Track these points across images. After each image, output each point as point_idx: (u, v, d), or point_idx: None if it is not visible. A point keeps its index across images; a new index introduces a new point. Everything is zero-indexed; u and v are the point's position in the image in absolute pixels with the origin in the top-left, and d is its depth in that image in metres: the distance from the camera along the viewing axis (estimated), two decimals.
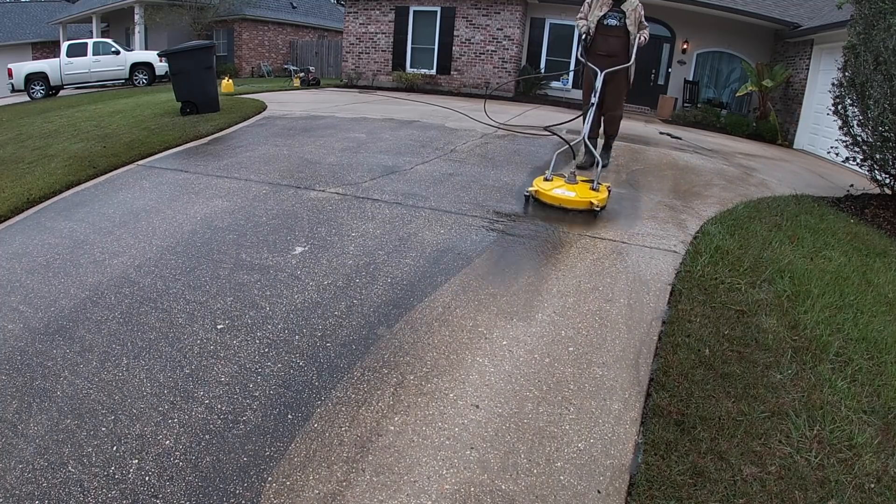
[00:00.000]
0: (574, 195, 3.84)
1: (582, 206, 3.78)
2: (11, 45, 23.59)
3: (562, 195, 3.86)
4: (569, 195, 3.84)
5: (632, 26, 4.62)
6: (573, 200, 3.81)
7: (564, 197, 3.84)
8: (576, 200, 3.81)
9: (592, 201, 3.77)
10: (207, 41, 9.42)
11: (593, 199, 3.79)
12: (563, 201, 3.83)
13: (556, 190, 3.92)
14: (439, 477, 1.66)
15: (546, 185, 4.02)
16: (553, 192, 3.90)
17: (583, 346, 2.32)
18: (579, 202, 3.80)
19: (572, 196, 3.82)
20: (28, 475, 1.64)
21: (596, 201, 3.78)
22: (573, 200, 3.81)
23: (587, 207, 3.78)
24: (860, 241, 4.09)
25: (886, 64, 4.83)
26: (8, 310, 2.49)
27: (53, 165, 4.91)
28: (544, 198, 3.91)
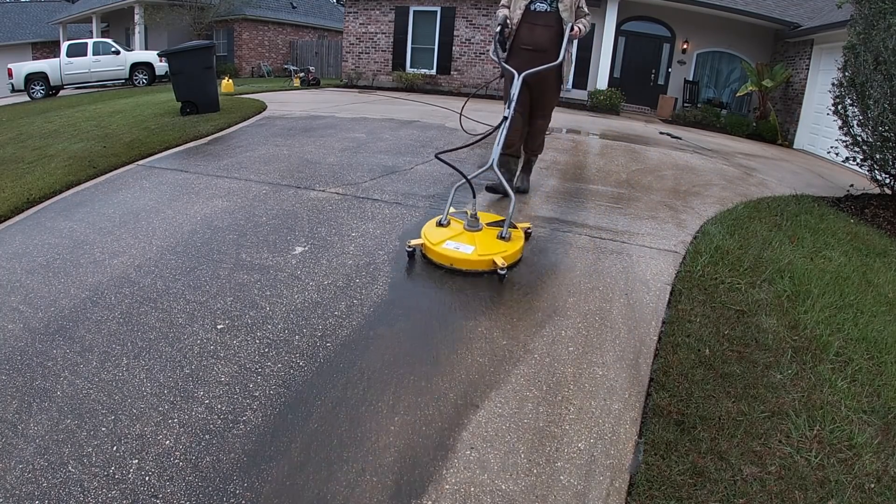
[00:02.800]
0: (471, 251, 2.79)
1: (480, 266, 2.75)
2: (11, 45, 23.59)
3: (452, 252, 2.78)
4: (462, 251, 2.79)
5: (565, 12, 3.63)
6: (468, 260, 2.75)
7: (456, 255, 2.77)
8: (470, 260, 2.75)
9: (496, 260, 2.71)
10: (207, 41, 9.42)
11: (498, 257, 2.73)
12: (455, 261, 2.76)
13: (447, 244, 2.84)
14: (440, 477, 1.66)
15: (437, 234, 2.95)
16: (442, 248, 2.81)
17: (583, 346, 2.32)
18: (476, 262, 2.75)
19: (467, 253, 2.77)
20: (28, 475, 1.64)
21: (501, 260, 2.72)
22: (468, 260, 2.75)
23: (490, 269, 2.75)
24: (860, 241, 4.09)
25: (886, 64, 4.83)
26: (8, 310, 2.49)
27: (53, 165, 4.91)
28: (431, 254, 2.86)
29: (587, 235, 3.46)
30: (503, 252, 2.79)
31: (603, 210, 4.00)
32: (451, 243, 2.84)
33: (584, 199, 4.24)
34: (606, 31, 12.42)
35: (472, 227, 2.99)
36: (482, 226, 3.03)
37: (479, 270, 2.75)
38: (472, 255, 2.76)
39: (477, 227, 3.00)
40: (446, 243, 2.84)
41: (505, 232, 2.95)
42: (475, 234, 2.96)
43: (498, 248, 2.84)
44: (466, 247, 2.82)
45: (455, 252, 2.77)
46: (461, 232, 2.97)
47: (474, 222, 3.01)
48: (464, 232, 2.98)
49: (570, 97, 13.45)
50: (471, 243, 2.85)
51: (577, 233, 3.50)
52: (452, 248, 2.80)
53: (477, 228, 3.00)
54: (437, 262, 2.82)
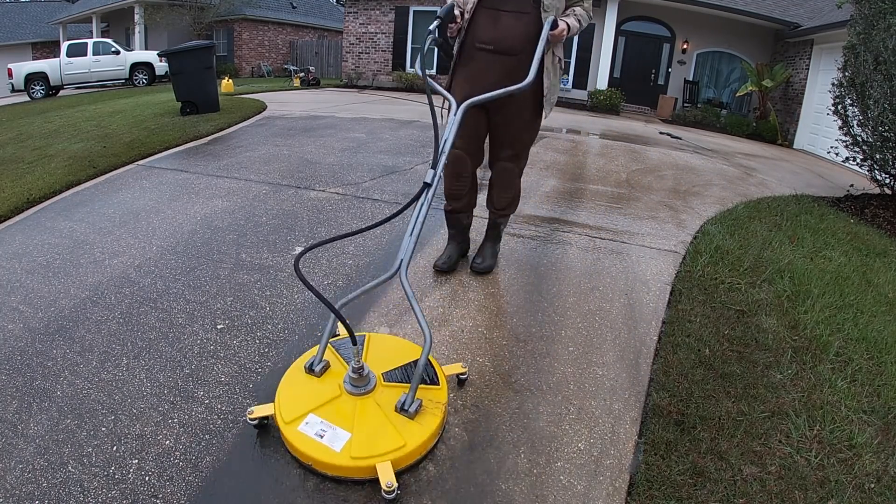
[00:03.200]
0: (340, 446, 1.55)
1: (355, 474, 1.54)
2: (11, 45, 23.60)
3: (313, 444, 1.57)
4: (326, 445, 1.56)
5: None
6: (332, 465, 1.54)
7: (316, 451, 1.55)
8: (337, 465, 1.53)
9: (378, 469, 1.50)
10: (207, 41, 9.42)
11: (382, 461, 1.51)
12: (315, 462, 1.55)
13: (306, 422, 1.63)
14: (439, 476, 1.66)
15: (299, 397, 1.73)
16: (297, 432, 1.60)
17: (583, 346, 2.32)
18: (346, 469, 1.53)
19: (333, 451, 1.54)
20: (28, 475, 1.64)
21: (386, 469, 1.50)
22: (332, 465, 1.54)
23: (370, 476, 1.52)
24: (860, 241, 4.09)
25: (886, 64, 4.83)
26: (8, 310, 2.49)
27: (53, 165, 4.91)
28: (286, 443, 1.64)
29: (587, 235, 3.47)
30: (396, 450, 1.55)
31: (603, 210, 4.00)
32: (314, 422, 1.63)
33: (583, 199, 4.24)
34: (606, 31, 12.43)
35: (356, 389, 1.73)
36: (374, 382, 1.77)
37: (353, 478, 1.55)
38: (341, 457, 1.53)
39: (364, 387, 1.73)
40: (307, 421, 1.63)
41: (409, 401, 1.67)
42: (359, 402, 1.71)
43: (390, 440, 1.58)
44: (337, 432, 1.59)
45: (316, 447, 1.56)
46: (338, 395, 1.73)
47: (360, 381, 1.73)
48: (341, 395, 1.73)
49: (570, 97, 13.45)
50: (347, 424, 1.62)
51: (577, 233, 3.50)
52: (313, 435, 1.59)
53: (364, 390, 1.73)
54: (292, 453, 1.63)
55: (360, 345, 1.74)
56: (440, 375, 1.85)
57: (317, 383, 1.80)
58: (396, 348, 2.01)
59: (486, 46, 2.35)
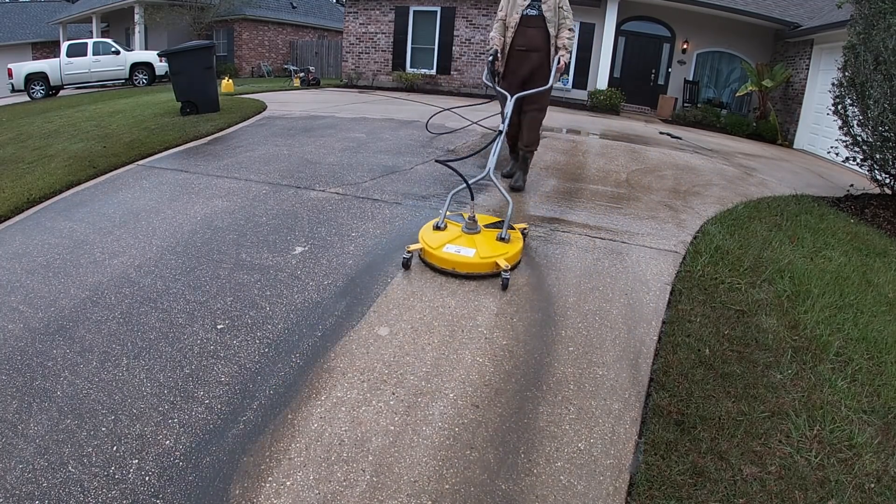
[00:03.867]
0: (472, 254, 2.75)
1: (483, 269, 2.74)
2: (11, 45, 23.60)
3: (453, 255, 2.74)
4: (464, 254, 2.75)
5: (549, 12, 3.85)
6: (469, 263, 2.72)
7: (457, 258, 2.73)
8: (473, 263, 2.73)
9: (499, 262, 2.71)
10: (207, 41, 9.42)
11: (501, 259, 2.71)
12: (457, 264, 2.73)
13: (447, 247, 2.79)
14: (440, 477, 1.66)
15: (435, 237, 2.90)
16: (443, 252, 2.77)
17: (583, 346, 2.32)
18: (478, 265, 2.73)
19: (468, 257, 2.74)
20: (28, 475, 1.64)
21: (503, 262, 2.70)
22: (469, 263, 2.72)
23: (492, 271, 2.74)
24: (860, 241, 4.09)
25: (886, 64, 4.83)
26: (8, 310, 2.49)
27: (53, 165, 4.91)
28: (431, 259, 2.81)
29: (587, 235, 3.46)
30: (504, 254, 2.76)
31: (603, 210, 4.00)
32: (450, 247, 2.80)
33: (584, 199, 4.24)
34: (606, 31, 12.43)
35: (470, 230, 2.94)
36: (480, 228, 2.98)
37: (482, 273, 2.73)
38: (474, 259, 2.72)
39: (475, 229, 2.95)
40: (446, 247, 2.80)
41: (504, 233, 2.92)
42: (474, 237, 2.91)
43: (499, 250, 2.80)
44: (467, 250, 2.78)
45: (456, 256, 2.73)
46: (459, 235, 2.92)
47: (473, 225, 2.95)
48: (462, 235, 2.93)
49: (570, 97, 13.45)
50: (471, 246, 2.81)
51: (578, 233, 3.50)
52: (453, 251, 2.76)
53: (475, 231, 2.95)
54: (437, 266, 2.78)
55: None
56: (515, 227, 3.14)
57: (443, 232, 2.97)
58: (485, 217, 3.23)
59: (521, 48, 3.95)
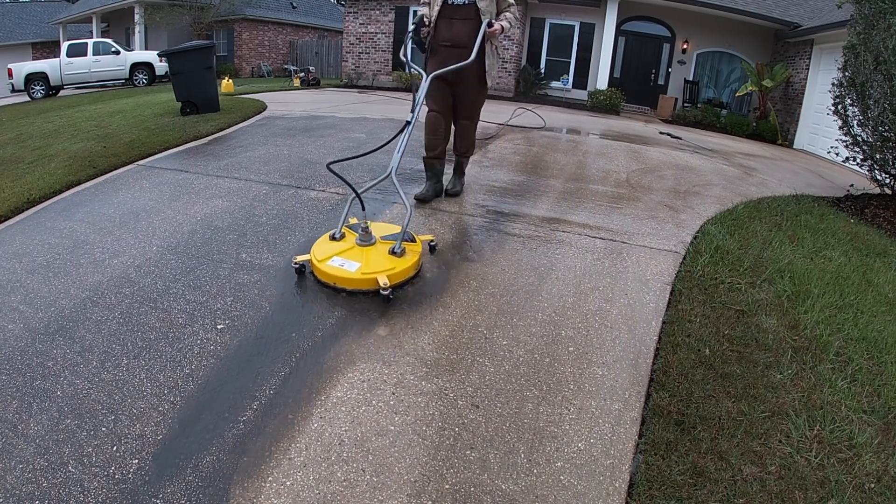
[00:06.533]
0: (355, 269, 2.56)
1: (363, 286, 2.54)
2: (11, 45, 23.60)
3: (336, 269, 2.57)
4: (347, 268, 2.57)
5: (483, 2, 3.38)
6: (349, 278, 2.53)
7: (339, 273, 2.55)
8: (353, 278, 2.53)
9: (379, 279, 2.50)
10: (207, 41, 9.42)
11: (382, 276, 2.51)
12: (338, 279, 2.56)
13: (332, 260, 2.62)
14: (440, 476, 1.66)
15: (325, 249, 2.73)
16: (326, 265, 2.60)
17: (583, 346, 2.32)
18: (358, 280, 2.53)
19: (350, 272, 2.54)
20: (28, 475, 1.64)
21: (384, 278, 2.50)
22: (349, 278, 2.53)
23: (374, 288, 2.53)
24: (860, 241, 4.09)
25: (886, 64, 4.83)
26: (8, 310, 2.50)
27: (53, 165, 4.91)
28: (316, 272, 2.66)
29: (587, 235, 3.47)
30: (389, 270, 2.55)
31: (603, 210, 4.01)
32: (337, 260, 2.62)
33: (584, 199, 4.24)
34: (606, 31, 12.43)
35: (363, 242, 2.74)
36: (375, 239, 2.77)
37: (363, 290, 2.54)
38: (356, 274, 2.53)
39: (369, 241, 2.75)
40: (332, 260, 2.62)
41: (398, 246, 2.69)
42: (366, 250, 2.72)
43: (386, 265, 2.59)
44: (352, 264, 2.59)
45: (339, 270, 2.55)
46: (352, 247, 2.73)
47: (366, 237, 2.75)
48: (354, 247, 2.73)
49: (570, 97, 13.46)
50: (358, 259, 2.62)
51: (578, 233, 3.50)
52: (337, 265, 2.58)
53: (369, 242, 2.75)
54: (322, 280, 2.60)
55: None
56: (417, 238, 2.87)
57: (337, 243, 2.78)
58: (388, 227, 3.02)
59: (445, 43, 3.48)
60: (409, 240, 2.79)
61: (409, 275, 2.66)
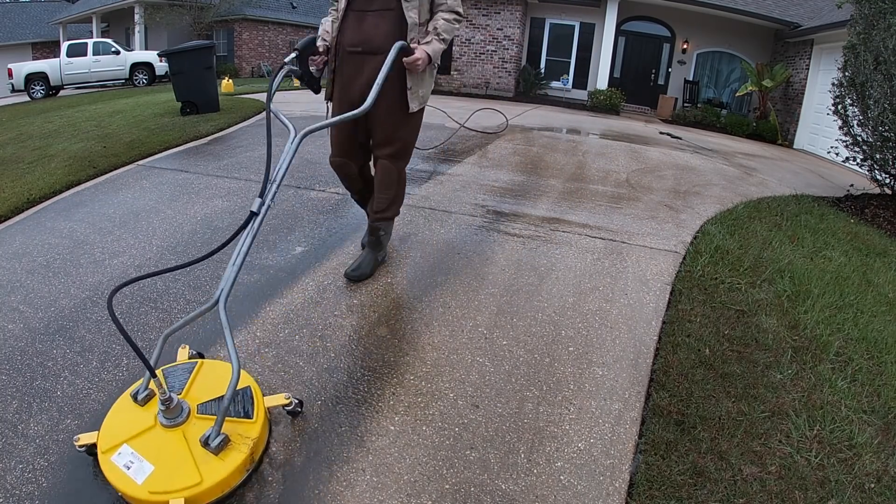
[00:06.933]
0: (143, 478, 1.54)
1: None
2: (11, 45, 23.60)
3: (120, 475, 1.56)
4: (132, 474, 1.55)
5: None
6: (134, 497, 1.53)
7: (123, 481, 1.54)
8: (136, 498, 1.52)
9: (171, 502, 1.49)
10: (207, 41, 9.41)
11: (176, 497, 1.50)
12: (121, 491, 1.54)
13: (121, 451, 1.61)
14: (439, 477, 1.66)
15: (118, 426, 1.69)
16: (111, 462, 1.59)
17: (583, 346, 2.32)
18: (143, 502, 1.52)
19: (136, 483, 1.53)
20: (28, 475, 1.64)
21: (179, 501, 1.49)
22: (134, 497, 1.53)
23: None
24: (860, 241, 4.09)
25: (886, 64, 4.83)
26: (8, 310, 2.50)
27: (53, 165, 4.91)
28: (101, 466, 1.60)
29: (587, 235, 3.47)
30: (190, 487, 1.53)
31: (603, 210, 4.01)
32: (125, 453, 1.61)
33: (584, 199, 4.24)
34: (606, 31, 12.43)
35: (167, 421, 1.67)
36: (188, 412, 1.70)
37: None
38: (141, 491, 1.53)
39: (175, 418, 1.67)
40: (120, 452, 1.62)
41: (213, 435, 1.60)
42: (170, 434, 1.66)
43: (186, 476, 1.55)
44: (144, 464, 1.58)
45: (122, 478, 1.55)
46: (152, 426, 1.68)
47: (170, 413, 1.66)
48: (155, 426, 1.68)
49: (569, 97, 13.46)
50: (153, 457, 1.60)
51: (578, 233, 3.50)
52: (122, 466, 1.58)
53: (175, 422, 1.67)
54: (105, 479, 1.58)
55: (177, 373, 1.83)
56: (258, 408, 1.73)
57: (139, 412, 1.72)
58: (226, 378, 1.74)
59: (355, 49, 2.34)
60: (240, 415, 1.72)
61: (228, 488, 1.59)
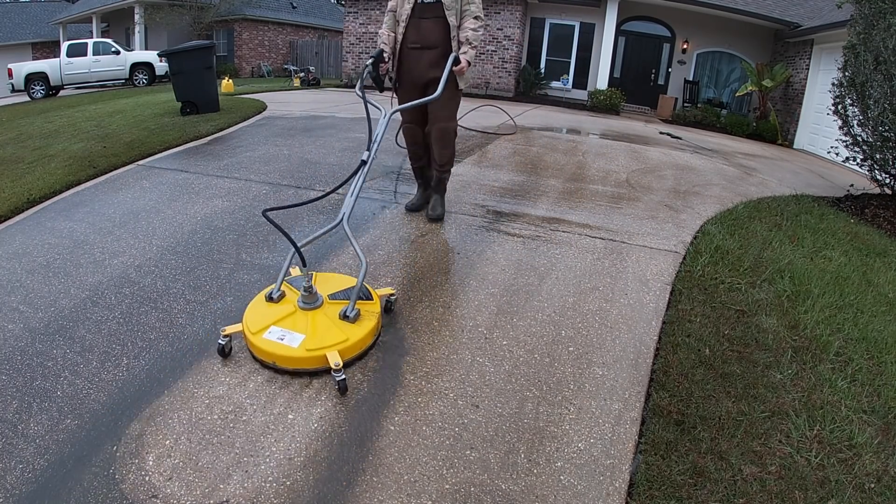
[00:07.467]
0: (299, 342, 1.99)
1: (309, 364, 1.99)
2: (11, 45, 23.59)
3: (274, 346, 2.00)
4: (287, 343, 2.00)
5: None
6: (291, 357, 1.97)
7: (278, 350, 1.98)
8: (295, 357, 1.97)
9: (329, 356, 1.95)
10: (207, 41, 9.42)
11: (332, 351, 1.96)
12: (277, 357, 1.99)
13: (270, 331, 2.05)
14: (439, 477, 1.66)
15: (261, 315, 2.14)
16: (262, 338, 2.03)
17: (583, 346, 2.32)
18: (302, 359, 1.97)
19: (292, 348, 1.98)
20: (28, 475, 1.64)
21: (335, 356, 1.95)
22: (291, 357, 1.97)
23: (323, 366, 1.98)
24: (860, 241, 4.09)
25: (886, 64, 4.83)
26: (8, 310, 2.50)
27: (53, 165, 4.91)
28: (251, 347, 2.07)
29: (587, 235, 3.47)
30: (341, 343, 1.97)
31: (603, 210, 4.01)
32: (275, 331, 2.04)
33: (584, 199, 4.24)
34: (606, 31, 12.43)
35: (307, 305, 2.15)
36: (321, 300, 2.19)
37: (309, 369, 1.99)
38: (298, 351, 1.94)
39: (314, 303, 2.16)
40: (269, 331, 2.04)
41: (350, 309, 2.11)
42: (311, 314, 2.13)
43: (336, 336, 2.01)
44: (293, 336, 2.01)
45: (277, 346, 1.97)
46: (292, 311, 2.14)
47: (310, 298, 2.16)
48: (296, 312, 2.14)
49: (570, 97, 13.46)
50: (301, 330, 2.05)
51: (578, 233, 3.50)
52: (276, 338, 2.00)
53: (314, 305, 2.16)
54: (257, 357, 2.06)
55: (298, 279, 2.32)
56: (374, 294, 2.34)
57: (276, 306, 2.21)
58: (339, 279, 2.49)
59: (415, 45, 3.23)
60: (364, 298, 2.24)
61: (366, 345, 2.09)
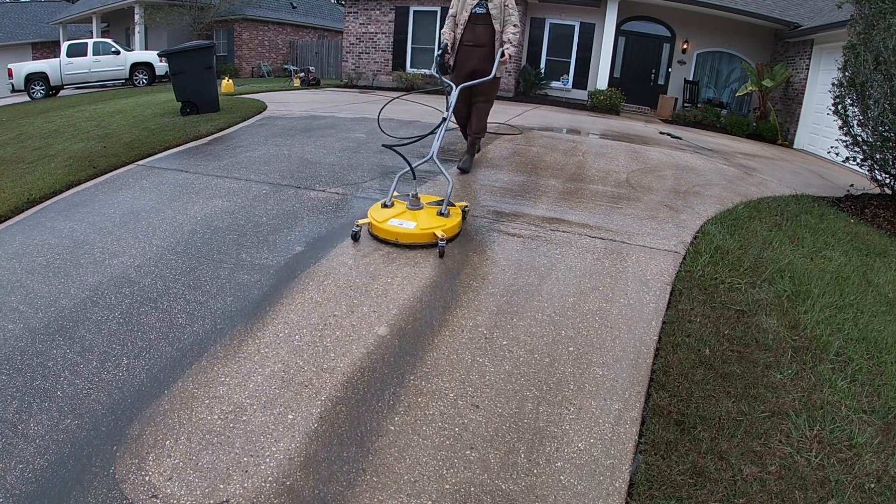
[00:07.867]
0: (413, 227, 3.10)
1: (422, 239, 3.07)
2: (11, 45, 23.58)
3: (397, 227, 3.09)
4: (405, 227, 3.10)
5: (495, 9, 4.27)
6: (410, 234, 3.06)
7: (399, 230, 3.08)
8: (413, 233, 3.06)
9: (437, 233, 3.05)
10: (207, 41, 9.42)
11: (438, 230, 3.06)
12: (399, 235, 3.07)
13: (392, 221, 3.15)
14: (439, 477, 1.66)
15: (382, 213, 3.24)
16: (387, 225, 3.11)
17: (583, 346, 2.32)
18: (418, 235, 3.06)
19: (409, 229, 3.08)
20: (28, 475, 1.64)
21: (441, 232, 3.05)
22: (410, 234, 3.06)
23: (431, 241, 3.07)
24: (860, 241, 4.09)
25: (886, 64, 4.83)
26: (8, 310, 2.50)
27: (53, 165, 4.91)
28: (377, 231, 3.15)
29: (587, 235, 3.47)
30: (442, 226, 3.10)
31: (603, 210, 4.01)
32: (395, 220, 3.14)
33: (584, 199, 4.24)
34: (606, 31, 12.42)
35: (413, 206, 3.29)
36: (423, 205, 3.32)
37: (421, 243, 3.06)
38: (415, 230, 3.06)
39: (418, 206, 3.30)
40: (391, 221, 3.14)
41: (444, 209, 3.27)
42: (417, 212, 3.26)
43: (438, 222, 3.14)
44: (409, 223, 3.13)
45: (398, 228, 3.08)
46: (404, 211, 3.27)
47: (416, 202, 3.30)
48: (406, 211, 3.27)
49: (570, 97, 13.45)
50: (413, 220, 3.16)
51: (578, 233, 3.50)
52: (396, 224, 3.11)
53: (418, 207, 3.29)
54: (382, 237, 3.12)
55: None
56: (456, 204, 3.47)
57: (390, 210, 3.29)
58: (429, 196, 3.59)
59: (469, 44, 4.39)
60: (451, 204, 3.38)
61: (457, 231, 3.24)
